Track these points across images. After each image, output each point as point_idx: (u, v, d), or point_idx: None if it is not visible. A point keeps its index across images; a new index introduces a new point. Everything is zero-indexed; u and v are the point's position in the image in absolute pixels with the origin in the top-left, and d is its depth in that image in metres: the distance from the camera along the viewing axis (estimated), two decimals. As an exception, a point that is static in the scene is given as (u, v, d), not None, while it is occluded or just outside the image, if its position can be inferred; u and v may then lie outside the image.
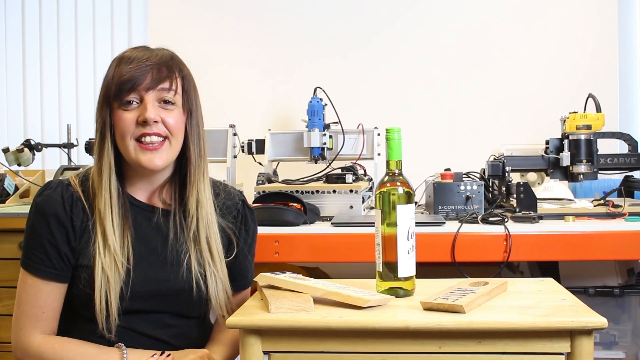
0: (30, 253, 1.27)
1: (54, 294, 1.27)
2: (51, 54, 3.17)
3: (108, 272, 1.23)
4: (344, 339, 1.10)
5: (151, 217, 1.33)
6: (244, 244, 1.42)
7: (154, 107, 1.25)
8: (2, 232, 2.08)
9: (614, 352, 2.15)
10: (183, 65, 1.33)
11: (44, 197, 1.28)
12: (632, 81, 2.75)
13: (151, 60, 1.26)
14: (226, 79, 2.90)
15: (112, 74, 1.26)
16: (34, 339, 1.25)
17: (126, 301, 1.24)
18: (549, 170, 2.14)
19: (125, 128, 1.24)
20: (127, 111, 1.25)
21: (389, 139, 1.25)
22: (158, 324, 1.31)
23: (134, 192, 1.33)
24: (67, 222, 1.25)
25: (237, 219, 1.42)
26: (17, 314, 1.27)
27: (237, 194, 1.45)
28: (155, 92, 1.26)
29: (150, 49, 1.31)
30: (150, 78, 1.25)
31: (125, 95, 1.24)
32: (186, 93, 1.31)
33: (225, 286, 1.35)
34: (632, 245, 1.75)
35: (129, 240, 1.27)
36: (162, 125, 1.26)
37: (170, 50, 1.34)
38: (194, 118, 1.32)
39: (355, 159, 2.34)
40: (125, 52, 1.30)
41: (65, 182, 1.30)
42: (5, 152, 2.49)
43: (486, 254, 1.78)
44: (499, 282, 1.27)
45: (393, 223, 1.22)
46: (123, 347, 1.25)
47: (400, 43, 2.85)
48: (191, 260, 1.31)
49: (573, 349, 1.06)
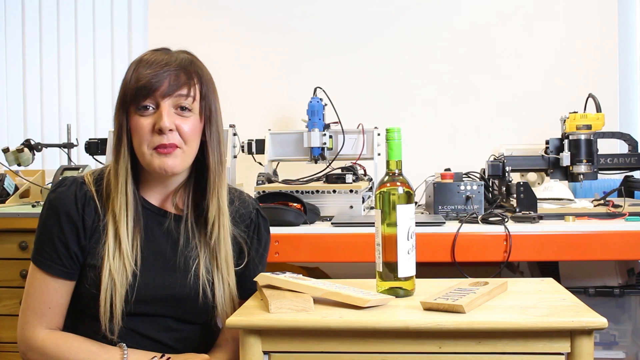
0: (40, 249, 1.27)
1: (61, 290, 1.27)
2: (51, 54, 3.18)
3: (115, 276, 1.22)
4: (344, 339, 1.10)
5: (163, 222, 1.32)
6: (255, 253, 1.40)
7: (170, 114, 1.23)
8: (2, 232, 2.08)
9: (614, 352, 2.15)
10: (203, 70, 1.31)
11: (57, 194, 1.28)
12: (632, 81, 2.75)
13: (170, 66, 1.24)
14: (226, 79, 2.88)
15: (129, 77, 1.24)
16: (38, 333, 1.26)
17: (131, 304, 1.24)
18: (549, 170, 2.14)
19: (142, 135, 1.23)
20: (144, 117, 1.23)
21: (389, 139, 1.24)
22: (161, 327, 1.30)
23: (148, 196, 1.33)
24: (79, 220, 1.25)
25: (249, 228, 1.40)
26: (24, 307, 1.28)
27: (252, 203, 1.44)
28: (172, 99, 1.24)
29: (170, 52, 1.29)
30: (168, 84, 1.23)
31: (142, 100, 1.23)
32: (204, 99, 1.29)
33: (232, 294, 1.34)
34: (632, 245, 1.75)
35: (139, 243, 1.27)
36: (177, 134, 1.25)
37: (191, 54, 1.32)
38: (214, 124, 1.30)
39: (355, 159, 2.34)
40: (144, 55, 1.27)
41: (80, 180, 1.29)
42: (5, 152, 2.49)
43: (486, 254, 1.78)
44: (499, 282, 1.27)
45: (393, 223, 1.22)
46: (124, 347, 1.25)
47: (401, 43, 2.85)
48: (200, 266, 1.30)
49: (573, 349, 1.06)
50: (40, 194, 2.46)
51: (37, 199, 2.44)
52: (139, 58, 1.27)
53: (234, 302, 1.35)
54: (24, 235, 2.07)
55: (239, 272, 1.37)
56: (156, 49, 1.30)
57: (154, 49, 1.30)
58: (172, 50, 1.31)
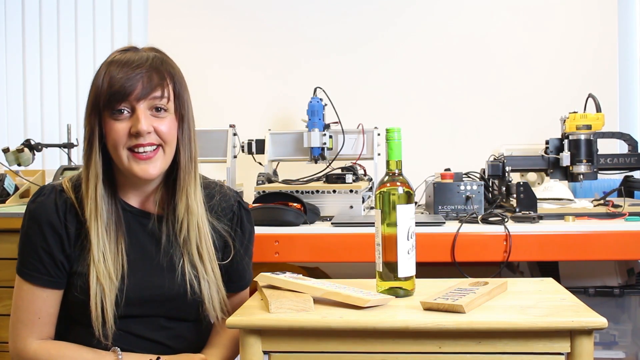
0: (25, 260, 1.26)
1: (50, 300, 1.26)
2: (51, 54, 3.17)
3: (102, 281, 1.22)
4: (344, 339, 1.10)
5: (145, 223, 1.31)
6: (239, 245, 1.40)
7: (147, 117, 1.22)
8: (2, 232, 2.08)
9: (614, 352, 2.15)
10: (173, 68, 1.29)
11: (37, 204, 1.26)
12: (632, 81, 2.75)
13: (142, 67, 1.22)
14: (226, 79, 2.90)
15: (100, 82, 1.22)
16: (30, 344, 1.25)
17: (121, 308, 1.24)
18: (549, 170, 2.14)
19: (118, 139, 1.22)
20: (119, 121, 1.22)
21: (389, 139, 1.25)
22: (154, 327, 1.30)
23: (127, 198, 1.32)
24: (62, 229, 1.24)
25: (232, 221, 1.40)
26: (14, 320, 1.27)
27: (233, 195, 1.43)
28: (147, 101, 1.22)
29: (139, 52, 1.27)
30: (141, 87, 1.21)
31: (116, 104, 1.21)
32: (178, 98, 1.27)
33: (218, 288, 1.34)
34: (632, 245, 1.75)
35: (123, 247, 1.26)
36: (155, 135, 1.23)
37: (160, 51, 1.30)
38: (186, 122, 1.29)
39: (355, 159, 2.34)
40: (114, 57, 1.25)
41: (59, 187, 1.28)
42: (5, 152, 2.49)
43: (486, 254, 1.78)
44: (499, 282, 1.27)
45: (393, 223, 1.22)
46: (118, 351, 1.25)
47: (401, 43, 2.85)
48: (185, 264, 1.30)
49: (573, 349, 1.06)
50: (40, 194, 2.45)
51: (37, 199, 2.43)
52: (108, 60, 1.25)
53: (222, 296, 1.34)
54: (24, 235, 2.06)
55: (225, 266, 1.36)
56: (124, 49, 1.28)
57: (121, 48, 1.28)
58: (139, 48, 1.29)
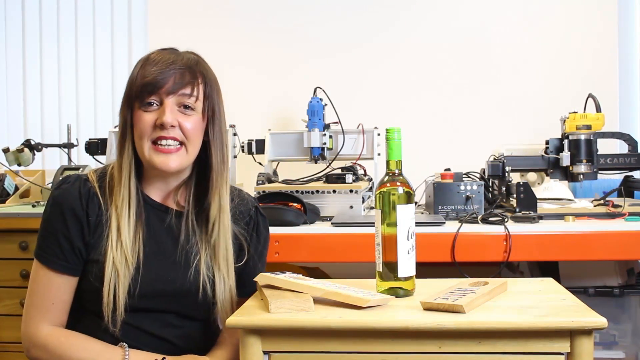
0: (44, 245, 1.28)
1: (65, 286, 1.28)
2: (51, 54, 3.18)
3: (118, 267, 1.24)
4: (344, 339, 1.10)
5: (164, 218, 1.34)
6: (254, 250, 1.42)
7: (173, 111, 1.26)
8: (2, 232, 2.08)
9: (614, 352, 2.15)
10: (208, 71, 1.34)
11: (61, 190, 1.29)
12: (632, 81, 2.75)
13: (176, 64, 1.27)
14: (226, 79, 2.87)
15: (136, 75, 1.28)
16: (41, 329, 1.27)
17: (133, 298, 1.25)
18: (549, 170, 2.14)
19: (143, 129, 1.26)
20: (147, 112, 1.26)
21: (389, 139, 1.25)
22: (163, 324, 1.31)
23: (149, 192, 1.35)
24: (83, 216, 1.27)
25: (249, 226, 1.42)
26: (28, 304, 1.29)
27: (251, 200, 1.46)
28: (176, 97, 1.27)
29: (177, 52, 1.32)
30: (172, 82, 1.26)
31: (146, 97, 1.26)
32: (208, 99, 1.31)
33: (232, 292, 1.36)
34: (632, 245, 1.75)
35: (141, 237, 1.29)
36: (179, 130, 1.27)
37: (198, 55, 1.35)
38: (217, 124, 1.33)
39: (355, 159, 2.34)
40: (152, 53, 1.31)
41: (84, 177, 1.32)
42: (5, 152, 2.49)
43: (486, 254, 1.78)
44: (499, 282, 1.27)
45: (393, 223, 1.22)
46: (125, 347, 1.25)
47: (400, 43, 2.85)
48: (200, 262, 1.32)
49: (573, 349, 1.06)
50: (40, 194, 2.46)
51: (37, 199, 2.44)
52: (146, 56, 1.31)
53: (233, 300, 1.36)
54: (24, 235, 2.07)
55: (238, 270, 1.38)
56: (164, 49, 1.33)
57: (161, 48, 1.33)
58: (179, 50, 1.34)
